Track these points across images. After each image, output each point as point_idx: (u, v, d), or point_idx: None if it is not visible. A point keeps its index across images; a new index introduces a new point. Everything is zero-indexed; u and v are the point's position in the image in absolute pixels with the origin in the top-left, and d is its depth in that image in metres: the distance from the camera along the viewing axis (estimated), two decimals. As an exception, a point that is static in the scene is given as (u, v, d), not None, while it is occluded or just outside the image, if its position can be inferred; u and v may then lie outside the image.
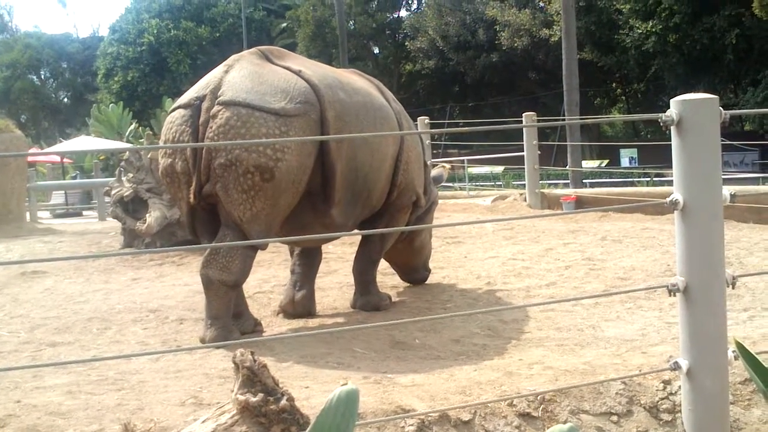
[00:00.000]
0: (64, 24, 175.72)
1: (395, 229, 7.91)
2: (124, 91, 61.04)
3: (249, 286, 8.88)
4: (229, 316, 6.58)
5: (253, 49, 7.24)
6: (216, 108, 6.39)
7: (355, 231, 7.53)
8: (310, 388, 4.76)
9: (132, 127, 46.59)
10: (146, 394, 4.85)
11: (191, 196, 6.48)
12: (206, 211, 6.74)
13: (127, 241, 12.21)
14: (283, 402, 3.39)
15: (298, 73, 6.82)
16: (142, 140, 21.38)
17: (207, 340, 6.34)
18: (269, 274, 9.59)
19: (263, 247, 7.54)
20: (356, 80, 7.76)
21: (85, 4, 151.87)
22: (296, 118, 6.49)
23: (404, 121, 8.16)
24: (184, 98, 6.72)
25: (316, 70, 7.16)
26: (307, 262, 7.89)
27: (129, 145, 36.86)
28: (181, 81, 60.72)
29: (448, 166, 9.82)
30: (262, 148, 6.24)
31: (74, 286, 9.63)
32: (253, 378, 3.39)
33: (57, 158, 37.01)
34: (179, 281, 9.61)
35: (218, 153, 6.27)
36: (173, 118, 6.63)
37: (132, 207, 12.06)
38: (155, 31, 61.50)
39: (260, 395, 3.35)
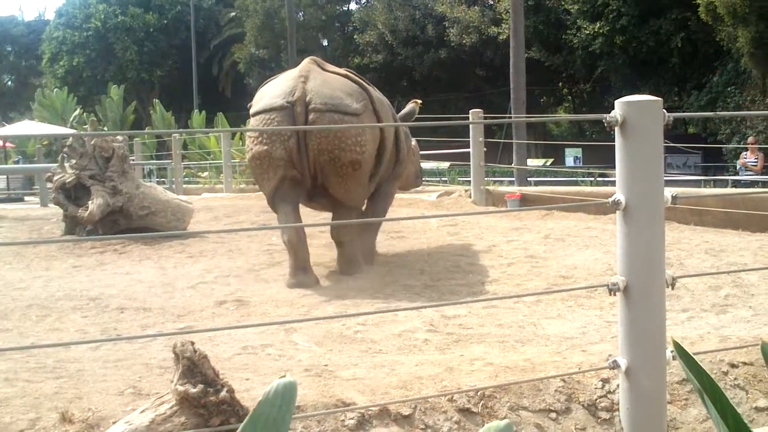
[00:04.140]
0: (10, 6, 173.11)
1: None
2: (70, 76, 60.36)
3: (192, 276, 8.87)
4: (358, 258, 9.10)
5: (309, 60, 9.07)
6: (313, 116, 8.24)
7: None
8: (250, 380, 4.75)
9: (76, 112, 46.13)
10: (85, 382, 4.80)
11: (307, 183, 8.53)
12: (291, 190, 8.60)
13: (68, 228, 12.07)
14: (223, 393, 3.38)
15: (347, 76, 9.00)
16: (86, 126, 21.17)
17: (351, 273, 8.83)
18: (212, 265, 9.56)
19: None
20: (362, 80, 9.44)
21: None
22: (364, 115, 8.60)
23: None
24: (273, 102, 8.43)
25: (349, 72, 9.31)
26: None
27: (73, 131, 36.50)
28: (128, 67, 60.19)
29: (419, 101, 10.48)
30: (352, 146, 8.33)
31: (14, 273, 9.52)
32: (193, 369, 3.38)
33: (-1, 142, 36.52)
34: (120, 269, 9.55)
35: (321, 152, 8.30)
36: (269, 118, 8.38)
37: (74, 194, 11.91)
38: (102, 17, 60.80)
39: (200, 386, 3.34)
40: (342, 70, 9.27)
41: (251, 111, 8.82)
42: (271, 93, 8.61)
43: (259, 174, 8.70)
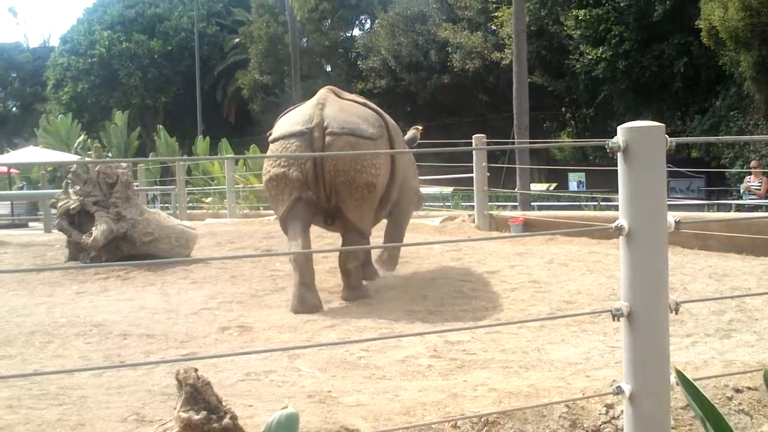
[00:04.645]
0: (15, 33, 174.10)
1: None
2: (74, 103, 60.54)
3: (195, 303, 8.86)
4: (361, 285, 9.18)
5: (326, 89, 9.50)
6: (329, 138, 8.64)
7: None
8: (253, 407, 4.74)
9: (81, 138, 46.20)
10: (88, 409, 4.80)
11: (322, 203, 8.81)
12: (303, 211, 8.85)
13: (72, 254, 12.07)
14: (226, 420, 3.37)
15: (365, 104, 9.47)
16: (91, 152, 21.19)
17: (355, 299, 8.89)
18: (216, 291, 9.55)
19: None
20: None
21: (37, 14, 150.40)
22: (380, 140, 9.05)
23: None
24: (292, 129, 8.85)
25: (366, 101, 9.76)
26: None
27: (77, 157, 36.56)
28: (132, 94, 60.37)
29: (420, 127, 10.77)
30: (368, 169, 8.65)
31: (17, 299, 9.51)
32: (197, 395, 3.37)
33: (4, 168, 36.53)
34: (124, 296, 9.54)
35: (338, 174, 8.59)
36: (288, 144, 8.78)
37: (78, 220, 11.92)
38: (107, 43, 61.06)
39: (203, 413, 3.33)
40: (359, 98, 9.75)
41: (270, 138, 9.20)
42: (291, 120, 9.06)
43: (275, 195, 9.01)
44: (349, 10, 58.85)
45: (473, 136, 15.56)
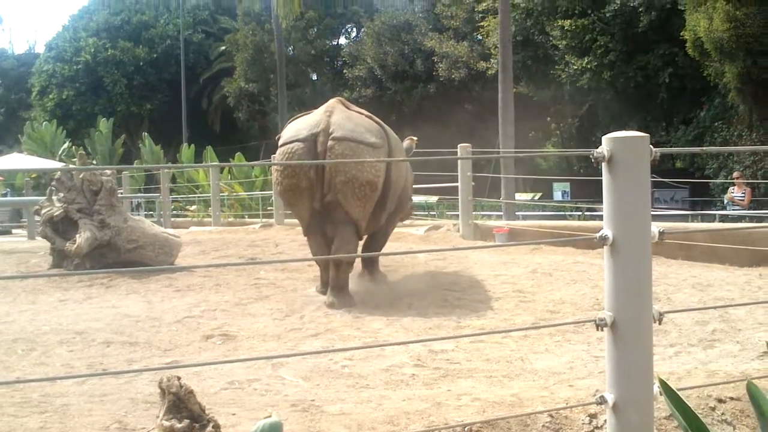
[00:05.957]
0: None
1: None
2: (59, 110, 60.22)
3: (179, 311, 8.84)
4: (348, 288, 9.30)
5: (335, 100, 9.94)
6: (331, 142, 9.04)
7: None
8: (237, 416, 4.73)
9: (65, 145, 46.12)
10: (70, 417, 4.78)
11: (317, 203, 9.10)
12: (320, 215, 9.26)
13: (55, 262, 12.03)
14: (209, 429, 3.36)
15: (370, 117, 9.77)
16: (75, 159, 21.10)
17: (337, 306, 8.93)
18: (200, 299, 9.52)
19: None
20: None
21: (22, 21, 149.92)
22: (380, 148, 9.37)
23: None
24: (299, 134, 9.26)
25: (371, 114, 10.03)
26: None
27: (61, 165, 36.45)
28: (117, 101, 60.09)
29: (415, 138, 10.87)
30: (369, 168, 9.04)
31: (0, 306, 9.47)
32: (179, 404, 3.36)
33: (-13, 175, 36.39)
34: (107, 303, 9.50)
35: (338, 172, 8.94)
36: (293, 148, 9.17)
37: (62, 227, 11.88)
38: (92, 50, 60.78)
39: (186, 421, 3.31)
40: (364, 111, 10.07)
41: (279, 142, 9.56)
42: (299, 126, 9.48)
43: (292, 204, 9.69)
44: (335, 19, 58.81)
45: (458, 146, 15.56)
